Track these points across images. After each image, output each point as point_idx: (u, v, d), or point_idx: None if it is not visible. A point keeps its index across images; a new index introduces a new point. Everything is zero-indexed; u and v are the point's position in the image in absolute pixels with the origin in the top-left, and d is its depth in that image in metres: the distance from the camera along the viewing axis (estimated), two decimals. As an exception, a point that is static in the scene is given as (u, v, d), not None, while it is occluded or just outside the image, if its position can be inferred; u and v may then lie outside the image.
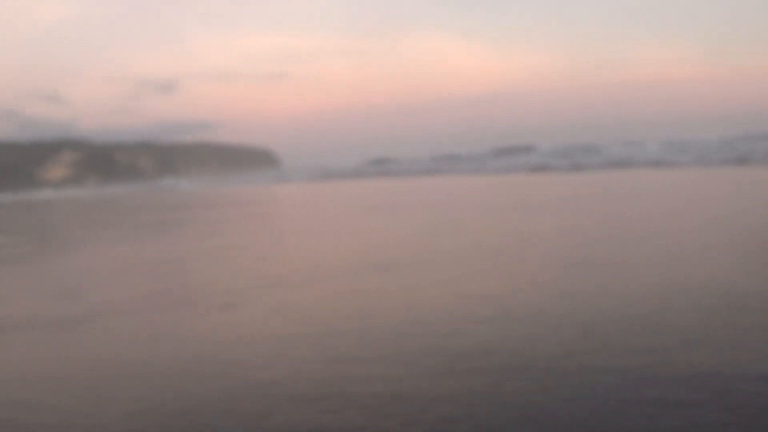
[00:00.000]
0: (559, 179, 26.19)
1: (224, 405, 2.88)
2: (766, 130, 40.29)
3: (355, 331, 3.92)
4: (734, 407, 2.53)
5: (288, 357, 3.52)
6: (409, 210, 14.68)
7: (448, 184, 26.33)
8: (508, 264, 6.14)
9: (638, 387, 2.74)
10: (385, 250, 7.61)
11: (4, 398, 3.16)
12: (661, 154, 35.16)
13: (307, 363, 3.40)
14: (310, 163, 69.65)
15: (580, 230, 8.67)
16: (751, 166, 25.37)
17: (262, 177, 61.71)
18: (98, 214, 23.68)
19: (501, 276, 5.51)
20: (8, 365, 3.76)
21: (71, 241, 13.81)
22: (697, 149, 36.55)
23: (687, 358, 3.07)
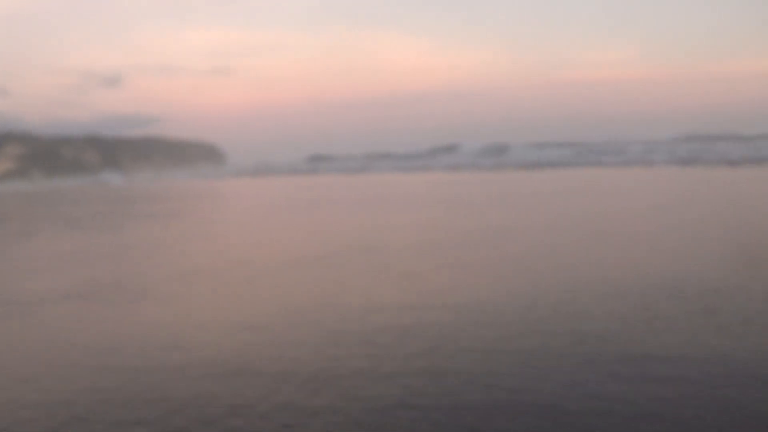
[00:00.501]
0: (481, 177, 27.56)
1: (142, 387, 3.33)
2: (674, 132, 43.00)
3: (278, 324, 4.37)
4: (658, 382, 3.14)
5: (202, 341, 3.97)
6: (331, 207, 14.39)
7: (378, 181, 27.42)
8: (428, 260, 6.73)
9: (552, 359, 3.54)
10: (303, 245, 7.97)
11: None
12: (580, 156, 37.29)
13: (222, 346, 3.89)
14: (254, 158, 69.58)
15: (509, 228, 9.15)
16: (692, 166, 27.12)
17: (204, 172, 61.30)
18: (33, 209, 22.95)
19: (421, 270, 6.03)
20: None
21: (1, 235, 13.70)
22: (622, 150, 38.97)
23: (597, 337, 3.84)
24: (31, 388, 3.42)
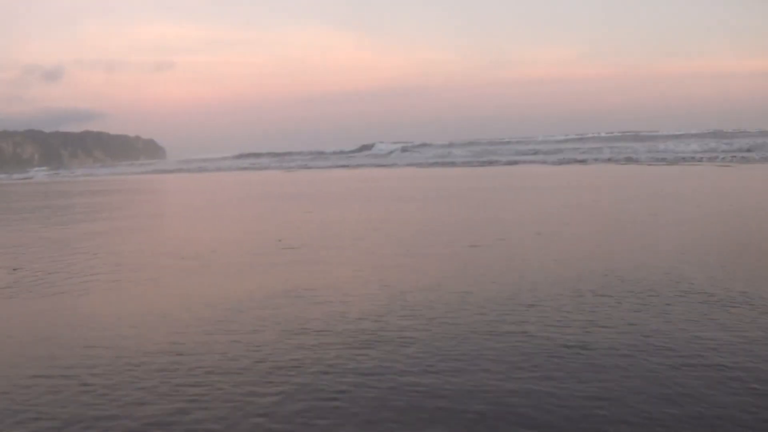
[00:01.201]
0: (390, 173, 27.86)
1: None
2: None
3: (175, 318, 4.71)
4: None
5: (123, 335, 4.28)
6: (249, 203, 14.93)
7: (308, 178, 27.74)
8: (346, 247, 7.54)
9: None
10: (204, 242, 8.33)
11: None
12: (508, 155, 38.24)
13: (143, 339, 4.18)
14: (193, 154, 69.29)
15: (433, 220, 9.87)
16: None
17: (140, 167, 60.70)
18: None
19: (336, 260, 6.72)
20: None
21: None
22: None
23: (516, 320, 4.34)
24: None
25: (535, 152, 38.13)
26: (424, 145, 49.14)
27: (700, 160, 29.14)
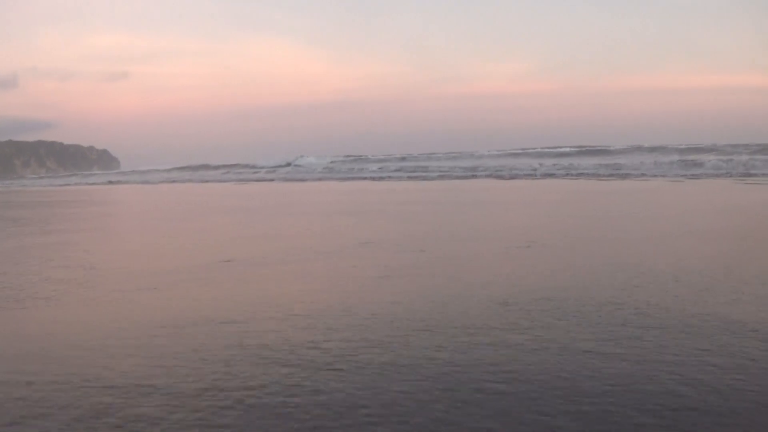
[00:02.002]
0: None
1: None
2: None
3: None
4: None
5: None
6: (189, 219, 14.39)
7: (260, 190, 27.32)
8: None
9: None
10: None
11: None
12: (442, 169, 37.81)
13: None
14: (146, 165, 68.04)
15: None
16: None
17: (93, 178, 59.60)
18: None
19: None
20: None
21: None
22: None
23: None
24: None
25: (476, 168, 37.67)
26: (358, 158, 49.40)
27: (654, 175, 28.93)
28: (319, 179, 36.29)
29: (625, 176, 28.89)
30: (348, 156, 51.08)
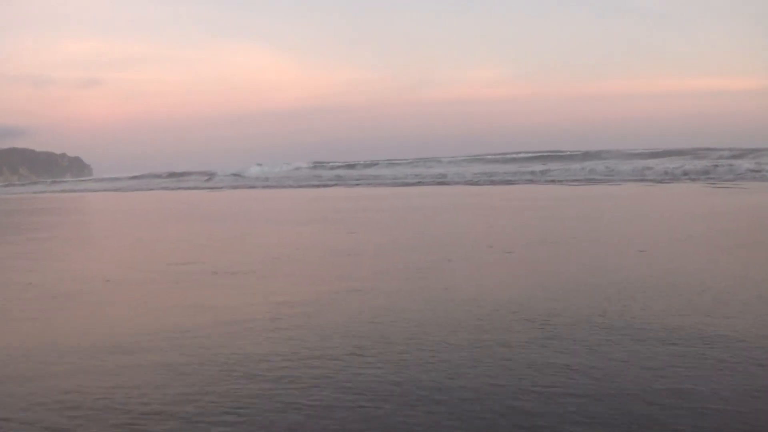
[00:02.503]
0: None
1: None
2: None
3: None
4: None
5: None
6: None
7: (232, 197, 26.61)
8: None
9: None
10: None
11: None
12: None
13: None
14: (119, 172, 67.05)
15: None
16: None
17: (63, 186, 59.31)
18: None
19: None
20: None
21: None
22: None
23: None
24: None
25: (442, 176, 36.92)
26: (318, 164, 49.17)
27: (636, 179, 28.30)
28: (273, 186, 35.82)
29: (593, 181, 28.37)
30: (318, 162, 50.52)
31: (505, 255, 6.88)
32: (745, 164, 30.38)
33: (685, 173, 29.58)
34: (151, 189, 42.94)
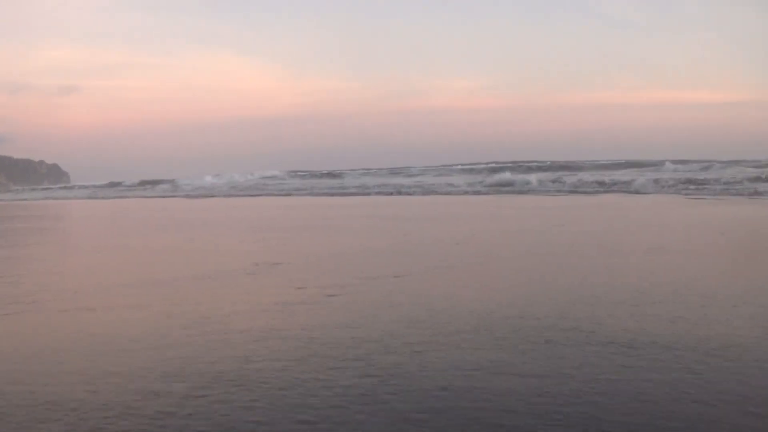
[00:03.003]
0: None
1: None
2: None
3: None
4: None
5: None
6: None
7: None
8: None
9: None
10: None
11: None
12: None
13: None
14: (97, 180, 66.30)
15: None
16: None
17: (43, 193, 58.69)
18: None
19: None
20: None
21: None
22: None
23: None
24: None
25: (414, 186, 36.80)
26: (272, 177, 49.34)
27: (608, 190, 28.34)
28: (235, 195, 35.69)
29: (574, 190, 28.35)
30: (293, 171, 50.52)
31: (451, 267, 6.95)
32: (712, 175, 30.70)
33: (656, 183, 29.69)
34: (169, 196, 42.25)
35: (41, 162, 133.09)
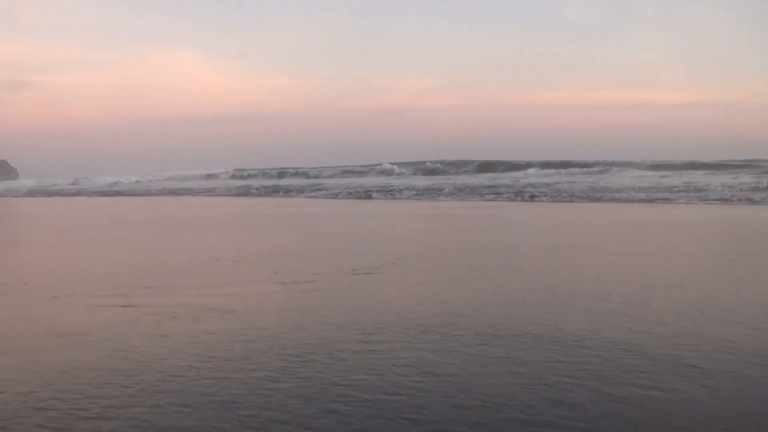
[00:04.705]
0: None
1: None
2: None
3: None
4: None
5: None
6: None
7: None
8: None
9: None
10: None
11: None
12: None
13: None
14: (45, 177, 64.89)
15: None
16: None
17: None
18: None
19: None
20: None
21: None
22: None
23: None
24: None
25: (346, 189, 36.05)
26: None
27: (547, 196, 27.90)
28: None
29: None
30: (238, 169, 49.83)
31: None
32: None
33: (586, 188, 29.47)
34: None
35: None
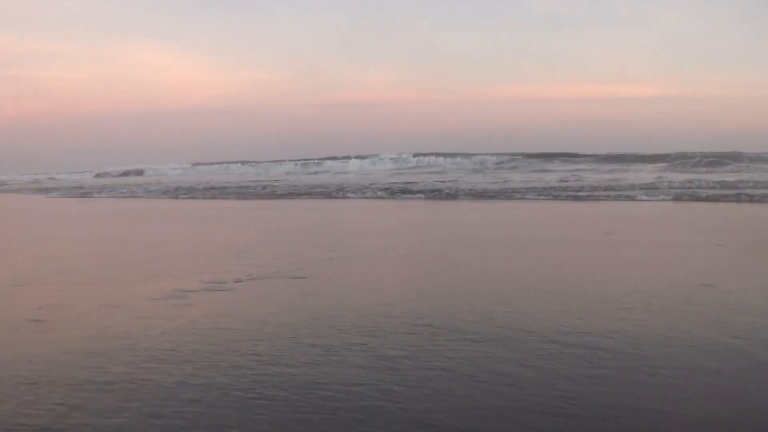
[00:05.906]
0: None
1: None
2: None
3: None
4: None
5: None
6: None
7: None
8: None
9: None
10: None
11: None
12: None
13: None
14: (14, 170, 63.33)
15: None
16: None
17: None
18: None
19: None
20: None
21: None
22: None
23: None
24: None
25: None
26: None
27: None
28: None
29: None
30: (197, 162, 49.05)
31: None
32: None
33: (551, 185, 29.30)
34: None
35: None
